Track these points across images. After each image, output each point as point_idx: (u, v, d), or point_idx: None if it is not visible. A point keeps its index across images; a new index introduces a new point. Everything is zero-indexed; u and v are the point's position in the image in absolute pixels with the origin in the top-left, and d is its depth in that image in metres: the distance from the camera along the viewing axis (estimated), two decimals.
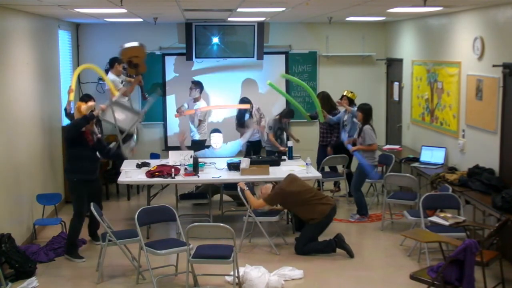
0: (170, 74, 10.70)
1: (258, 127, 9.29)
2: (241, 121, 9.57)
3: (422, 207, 6.57)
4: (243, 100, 9.56)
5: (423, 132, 9.30)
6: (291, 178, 7.09)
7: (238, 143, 8.87)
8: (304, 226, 6.98)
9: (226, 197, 8.56)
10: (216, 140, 8.61)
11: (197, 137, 9.45)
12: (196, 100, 9.50)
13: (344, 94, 9.10)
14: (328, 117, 8.99)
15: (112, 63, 9.01)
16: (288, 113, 9.35)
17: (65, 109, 8.49)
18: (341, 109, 9.15)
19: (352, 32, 10.93)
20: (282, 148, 9.04)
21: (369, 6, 7.17)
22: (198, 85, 9.51)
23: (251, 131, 9.13)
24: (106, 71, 9.33)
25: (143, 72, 9.01)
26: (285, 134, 9.69)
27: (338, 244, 6.81)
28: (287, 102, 10.03)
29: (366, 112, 8.16)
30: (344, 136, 8.81)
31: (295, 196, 6.86)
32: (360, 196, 8.27)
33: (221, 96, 10.68)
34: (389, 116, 11.13)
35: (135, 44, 8.63)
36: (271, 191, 6.96)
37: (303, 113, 9.10)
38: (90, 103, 7.36)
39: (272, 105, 10.60)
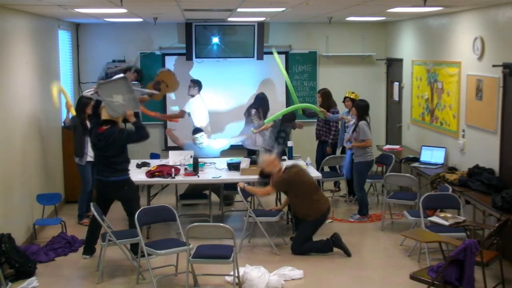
0: None
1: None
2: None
3: (422, 207, 6.57)
4: (259, 96, 9.42)
5: (423, 132, 9.30)
6: (300, 168, 7.16)
7: (227, 144, 8.82)
8: (300, 224, 7.00)
9: (215, 198, 8.42)
10: (201, 140, 8.52)
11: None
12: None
13: (346, 95, 9.03)
14: (328, 115, 8.93)
15: (124, 70, 8.94)
16: (290, 117, 8.86)
17: (64, 123, 7.97)
18: (344, 109, 9.09)
19: (352, 32, 10.92)
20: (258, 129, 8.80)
21: (369, 6, 7.16)
22: (197, 83, 9.47)
23: (243, 136, 9.05)
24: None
25: (154, 99, 9.06)
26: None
27: (335, 243, 6.83)
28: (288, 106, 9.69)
29: (362, 108, 8.17)
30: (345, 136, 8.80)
31: (300, 186, 6.89)
32: (364, 195, 8.28)
33: (221, 96, 10.70)
34: (389, 116, 11.13)
35: (176, 79, 9.01)
36: (281, 174, 6.94)
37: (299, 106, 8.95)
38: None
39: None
